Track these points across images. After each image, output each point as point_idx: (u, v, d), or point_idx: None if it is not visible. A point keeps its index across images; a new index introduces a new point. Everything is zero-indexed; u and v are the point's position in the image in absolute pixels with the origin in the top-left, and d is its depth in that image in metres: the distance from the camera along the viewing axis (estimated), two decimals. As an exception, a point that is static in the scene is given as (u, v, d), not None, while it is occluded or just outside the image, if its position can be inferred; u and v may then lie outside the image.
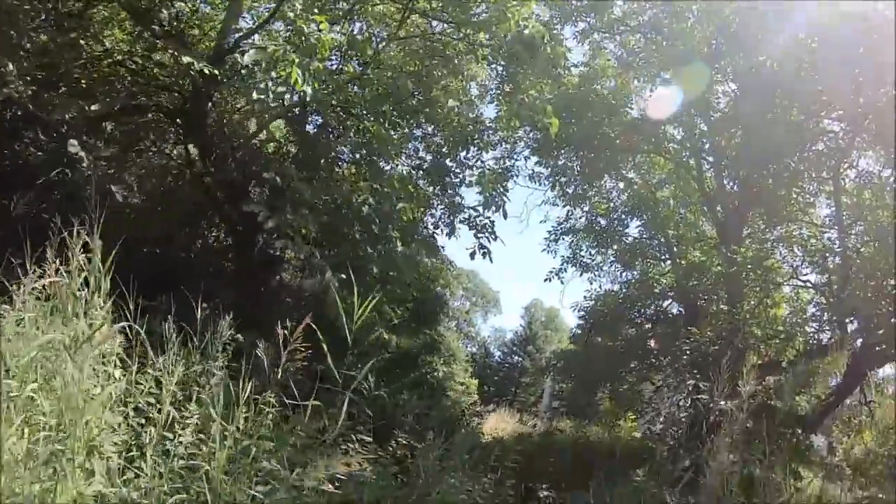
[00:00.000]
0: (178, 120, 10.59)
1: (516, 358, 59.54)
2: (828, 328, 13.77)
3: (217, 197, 10.88)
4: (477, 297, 74.41)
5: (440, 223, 12.49)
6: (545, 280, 18.90)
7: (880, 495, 14.02)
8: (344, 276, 8.22)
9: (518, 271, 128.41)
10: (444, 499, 6.30)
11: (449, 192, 12.69)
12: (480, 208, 11.21)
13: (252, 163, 10.58)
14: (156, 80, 10.32)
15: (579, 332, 18.07)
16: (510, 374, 58.51)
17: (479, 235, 10.73)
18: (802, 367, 14.49)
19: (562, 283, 19.19)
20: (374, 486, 6.01)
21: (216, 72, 7.87)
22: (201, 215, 12.71)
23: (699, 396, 11.41)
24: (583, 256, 19.53)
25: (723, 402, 11.71)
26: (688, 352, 12.30)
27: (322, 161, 9.94)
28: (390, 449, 6.85)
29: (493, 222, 10.89)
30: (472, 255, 10.61)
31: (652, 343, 14.63)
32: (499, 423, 23.26)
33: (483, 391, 53.50)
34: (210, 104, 10.06)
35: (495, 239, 10.71)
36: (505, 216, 10.99)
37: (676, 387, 11.58)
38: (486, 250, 10.57)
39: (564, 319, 60.48)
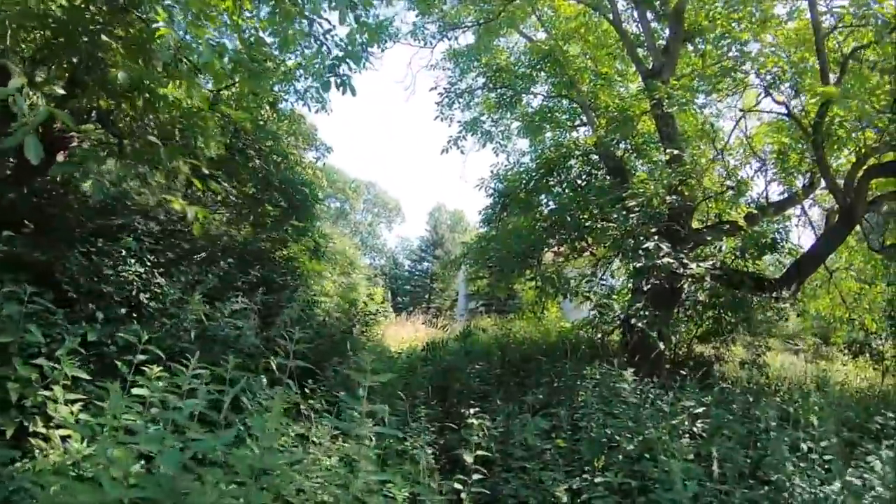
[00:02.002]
0: None
1: (426, 264, 56.97)
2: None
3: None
4: (378, 208, 70.95)
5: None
6: (442, 152, 15.46)
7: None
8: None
9: (418, 175, 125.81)
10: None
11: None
12: (329, 15, 7.43)
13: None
14: None
15: (489, 212, 14.70)
16: (422, 282, 56.06)
17: (337, 62, 7.02)
18: (763, 224, 11.92)
19: (462, 153, 15.82)
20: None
21: None
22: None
23: (662, 260, 8.42)
24: (483, 122, 16.14)
25: (693, 265, 8.79)
26: (636, 209, 9.18)
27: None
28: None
29: (353, 43, 7.22)
30: (325, 87, 6.95)
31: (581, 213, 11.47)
32: (413, 334, 20.26)
33: (397, 302, 51.04)
34: None
35: (358, 62, 7.06)
36: (378, 42, 7.41)
37: (633, 252, 8.48)
38: (344, 80, 6.91)
39: (471, 219, 58.00)
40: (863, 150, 9.65)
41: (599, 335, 13.64)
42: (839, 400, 8.21)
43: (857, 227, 10.82)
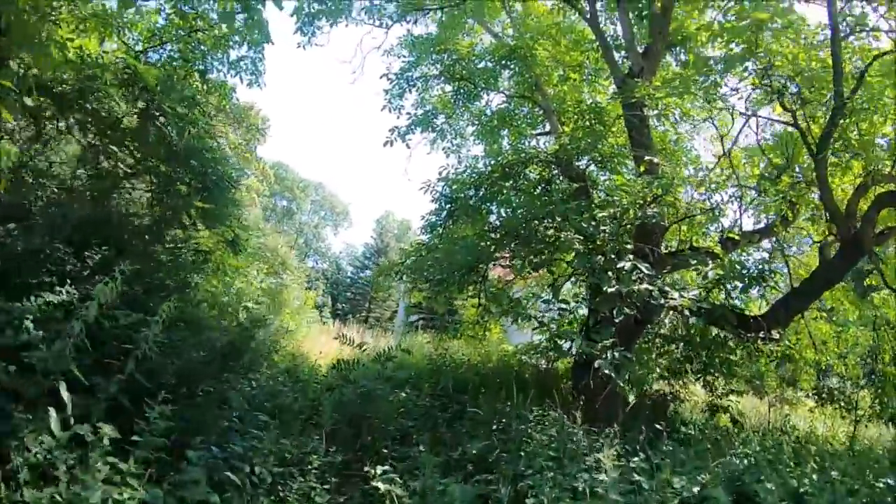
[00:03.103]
0: None
1: (368, 272, 54.65)
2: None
3: None
4: (326, 210, 68.25)
5: None
6: (385, 143, 13.43)
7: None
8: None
9: (366, 178, 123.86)
10: None
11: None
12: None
13: None
14: None
15: (433, 219, 12.85)
16: (363, 290, 53.75)
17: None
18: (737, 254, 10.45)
19: (408, 146, 13.93)
20: None
21: None
22: None
23: (640, 286, 6.73)
24: (436, 116, 14.38)
25: (676, 295, 7.03)
26: (607, 220, 7.48)
27: None
28: None
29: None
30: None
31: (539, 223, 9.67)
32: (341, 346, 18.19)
33: (336, 309, 48.91)
34: None
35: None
36: None
37: (602, 273, 6.70)
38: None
39: (418, 230, 54.89)
40: (870, 176, 8.23)
41: (545, 363, 12.01)
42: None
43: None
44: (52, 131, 10.25)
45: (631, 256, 6.89)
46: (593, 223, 7.30)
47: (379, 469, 4.64)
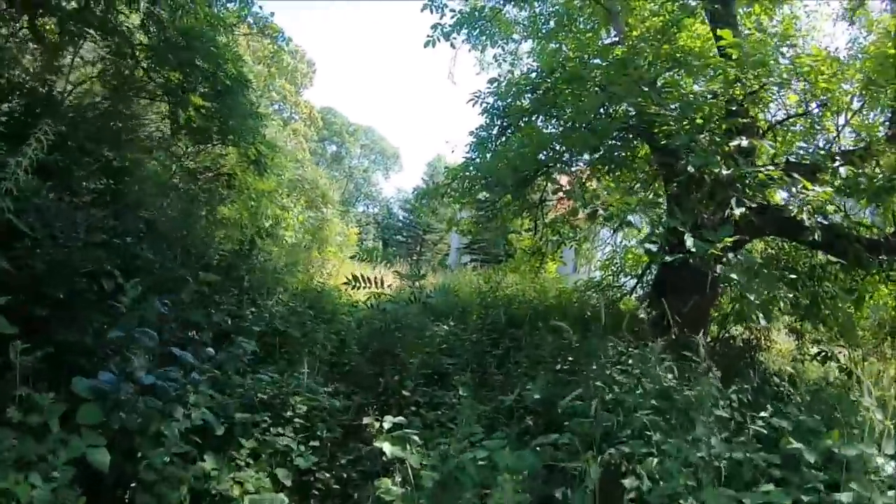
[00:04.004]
0: None
1: (420, 215, 53.12)
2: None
3: None
4: (376, 154, 66.57)
5: None
6: (426, 44, 11.29)
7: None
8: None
9: (418, 121, 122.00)
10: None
11: None
12: None
13: None
14: None
15: (483, 134, 10.93)
16: (414, 233, 52.35)
17: None
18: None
19: (452, 46, 11.87)
20: None
21: None
22: None
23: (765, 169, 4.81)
24: (484, 16, 12.30)
25: (810, 191, 4.94)
26: (707, 95, 5.52)
27: None
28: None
29: None
30: None
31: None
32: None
33: (387, 252, 47.77)
34: None
35: None
36: None
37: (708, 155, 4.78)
38: None
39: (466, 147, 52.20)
40: None
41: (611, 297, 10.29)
42: None
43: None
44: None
45: (744, 138, 4.99)
46: (690, 96, 5.38)
47: (388, 421, 3.02)
